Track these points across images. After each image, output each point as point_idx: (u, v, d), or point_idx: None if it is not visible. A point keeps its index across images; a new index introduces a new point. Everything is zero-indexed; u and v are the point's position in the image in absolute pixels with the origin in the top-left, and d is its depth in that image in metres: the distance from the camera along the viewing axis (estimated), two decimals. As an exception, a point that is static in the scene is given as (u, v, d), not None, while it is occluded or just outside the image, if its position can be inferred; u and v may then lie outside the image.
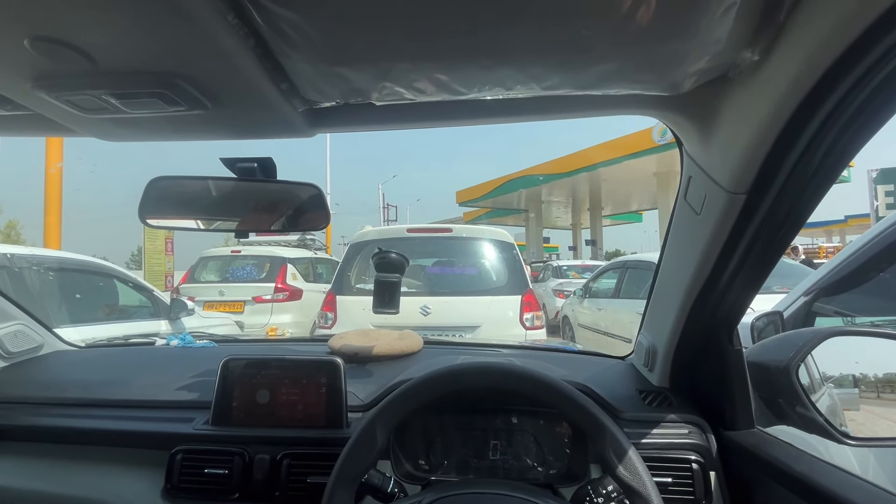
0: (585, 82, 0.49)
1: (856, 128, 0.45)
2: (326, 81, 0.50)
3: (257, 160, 0.70)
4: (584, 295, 6.17)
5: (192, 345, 1.23)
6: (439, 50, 0.44)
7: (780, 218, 0.56)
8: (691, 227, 0.67)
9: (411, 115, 0.60)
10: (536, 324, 3.28)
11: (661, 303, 0.86)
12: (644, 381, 0.95)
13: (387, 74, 0.48)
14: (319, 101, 0.56)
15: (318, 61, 0.46)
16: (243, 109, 0.55)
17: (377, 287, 0.96)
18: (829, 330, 0.78)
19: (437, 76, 0.48)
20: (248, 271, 6.24)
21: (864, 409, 0.81)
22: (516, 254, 3.54)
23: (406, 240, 3.59)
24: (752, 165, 0.51)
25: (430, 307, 3.23)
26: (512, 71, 0.47)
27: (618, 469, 0.58)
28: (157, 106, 0.51)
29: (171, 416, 0.87)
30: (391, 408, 0.65)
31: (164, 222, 0.72)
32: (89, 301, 3.22)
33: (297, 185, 0.73)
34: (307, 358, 0.86)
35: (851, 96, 0.42)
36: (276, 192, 0.73)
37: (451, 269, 3.57)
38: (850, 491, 0.57)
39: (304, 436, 0.81)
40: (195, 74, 0.47)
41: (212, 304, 6.00)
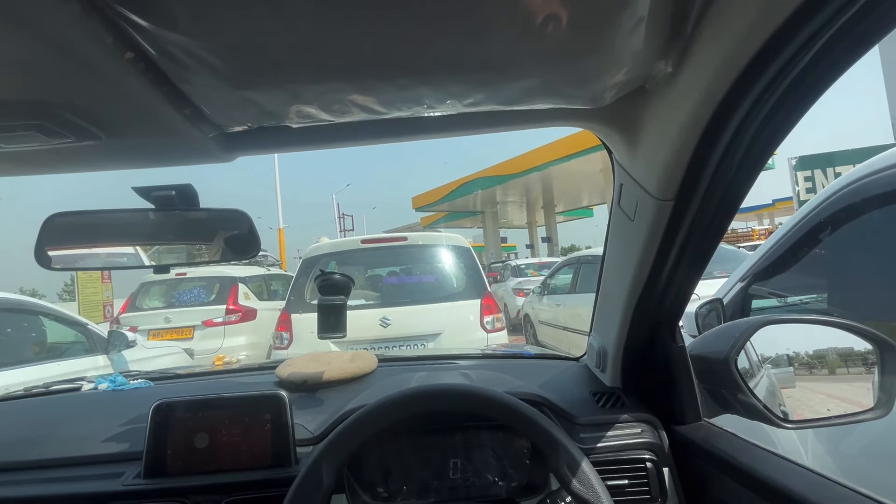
0: (507, 98, 0.48)
1: (769, 130, 0.47)
2: (234, 106, 0.46)
3: (175, 187, 0.65)
4: (543, 292, 6.31)
5: (123, 386, 1.12)
6: (352, 71, 0.42)
7: (708, 218, 0.58)
8: (627, 233, 0.68)
9: (332, 136, 0.57)
10: (497, 326, 3.30)
11: (607, 304, 0.88)
12: (597, 382, 0.96)
13: (298, 97, 0.45)
14: (231, 126, 0.52)
15: (222, 86, 0.42)
16: (144, 137, 0.50)
17: (321, 311, 0.92)
18: (762, 320, 0.81)
19: (354, 98, 0.45)
20: (196, 294, 5.91)
21: (800, 385, 0.86)
22: (472, 258, 3.56)
23: (361, 251, 3.52)
24: (676, 173, 0.52)
25: (389, 318, 3.18)
26: (431, 90, 0.45)
27: (572, 483, 0.58)
28: (37, 139, 0.45)
29: (97, 473, 0.78)
30: (336, 443, 0.61)
31: (71, 263, 0.65)
32: (7, 343, 2.92)
33: (223, 211, 0.68)
34: (248, 394, 0.80)
35: (762, 102, 0.43)
36: (199, 221, 0.67)
37: (408, 277, 3.53)
38: (787, 478, 0.59)
39: (249, 479, 0.75)
40: (78, 103, 0.42)
41: (157, 332, 5.63)
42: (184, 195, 0.65)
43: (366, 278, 3.75)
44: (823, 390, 0.86)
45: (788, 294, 1.61)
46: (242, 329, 5.68)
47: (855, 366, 0.86)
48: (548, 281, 6.33)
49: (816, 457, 1.09)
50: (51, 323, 3.28)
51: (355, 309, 3.28)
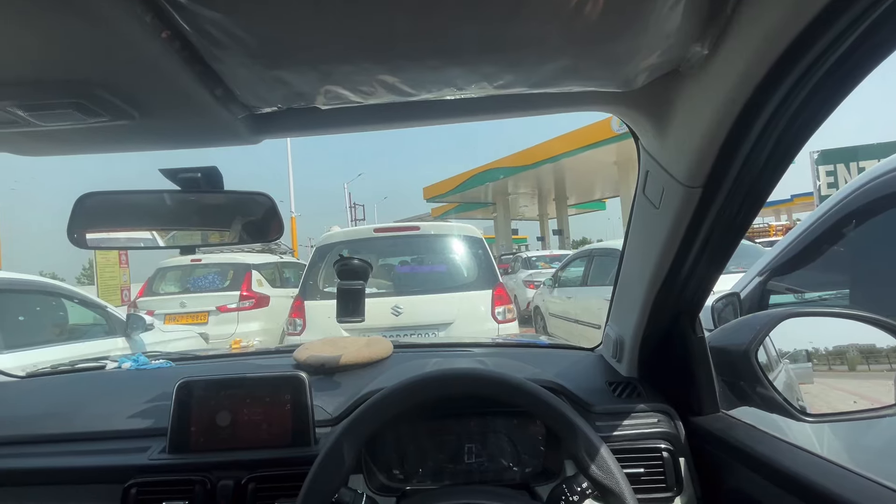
0: (538, 80, 0.48)
1: (805, 118, 0.46)
2: (265, 86, 0.46)
3: (201, 170, 0.66)
4: (554, 284, 6.29)
5: (146, 366, 1.15)
6: (384, 51, 0.42)
7: (735, 208, 0.57)
8: (651, 221, 0.68)
9: (359, 118, 0.57)
10: (508, 317, 3.31)
11: (626, 294, 0.87)
12: (613, 373, 0.96)
13: (329, 77, 0.45)
14: (260, 107, 0.52)
15: (253, 65, 0.43)
16: (175, 118, 0.51)
17: (340, 295, 0.93)
18: (784, 312, 0.80)
19: (384, 78, 0.45)
20: (211, 280, 6.01)
21: (818, 381, 0.85)
22: (485, 248, 3.55)
23: (373, 240, 3.54)
24: (706, 159, 0.52)
25: (401, 307, 3.20)
26: (462, 71, 0.45)
27: (591, 468, 0.58)
28: (75, 118, 0.46)
29: (124, 447, 0.81)
30: (358, 424, 0.62)
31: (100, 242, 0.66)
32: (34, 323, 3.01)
33: (247, 194, 0.68)
34: (269, 375, 0.81)
35: (799, 87, 0.42)
36: (224, 204, 0.68)
37: (420, 267, 3.54)
38: (807, 469, 0.59)
39: (269, 457, 0.77)
40: (115, 82, 0.42)
41: (173, 316, 5.74)
42: (209, 177, 0.66)
43: (378, 267, 3.77)
44: (842, 387, 0.85)
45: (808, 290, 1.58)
46: (256, 315, 5.77)
47: (877, 363, 0.85)
48: (559, 273, 6.30)
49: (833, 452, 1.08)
50: (72, 305, 3.37)
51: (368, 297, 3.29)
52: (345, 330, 3.22)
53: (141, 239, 0.66)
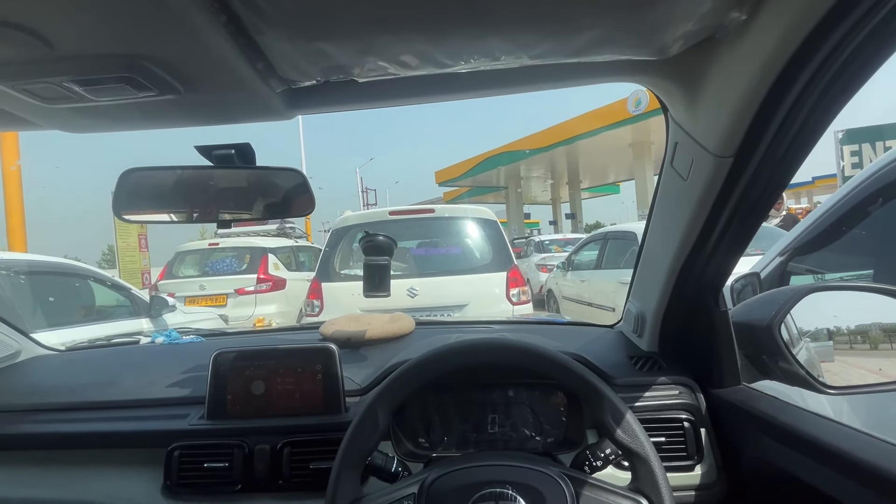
0: (573, 49, 0.48)
1: (840, 85, 0.46)
2: (305, 58, 0.48)
3: (234, 146, 0.68)
4: (567, 268, 6.27)
5: (178, 341, 1.20)
6: (426, 20, 0.42)
7: (765, 179, 0.57)
8: (678, 194, 0.68)
9: (395, 91, 0.58)
10: (523, 299, 3.32)
11: (649, 270, 0.88)
12: (634, 348, 0.97)
13: (370, 48, 0.46)
14: (298, 81, 0.53)
15: (296, 37, 0.44)
16: (218, 92, 0.52)
17: (367, 271, 0.95)
18: (808, 287, 0.81)
19: (423, 48, 0.46)
20: (229, 264, 6.13)
21: (839, 359, 0.85)
22: (499, 231, 3.56)
23: (389, 223, 3.56)
24: (739, 128, 0.52)
25: (416, 289, 3.24)
26: (500, 40, 0.46)
27: (616, 433, 0.60)
28: (126, 92, 0.48)
29: (165, 414, 0.86)
30: (391, 389, 0.65)
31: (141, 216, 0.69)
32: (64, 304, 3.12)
33: (279, 170, 0.70)
34: (301, 346, 0.85)
35: (837, 52, 0.42)
36: (256, 179, 0.71)
37: (435, 249, 3.57)
38: (832, 436, 0.60)
39: (303, 423, 0.81)
40: (164, 56, 0.44)
41: (193, 299, 5.89)
42: (242, 153, 0.68)
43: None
44: (864, 364, 0.85)
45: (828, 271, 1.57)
46: (273, 298, 5.88)
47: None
48: (573, 257, 6.27)
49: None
50: (98, 287, 3.48)
51: (383, 279, 3.34)
52: (361, 310, 3.28)
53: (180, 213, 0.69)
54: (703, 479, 0.78)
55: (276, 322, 5.63)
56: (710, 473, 0.79)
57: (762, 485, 0.71)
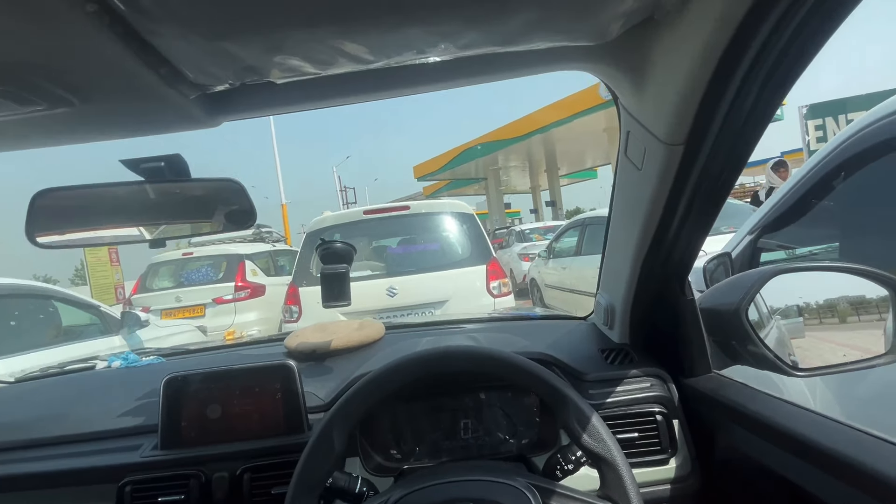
0: (504, 37, 0.44)
1: (787, 63, 0.44)
2: (211, 61, 0.43)
3: (164, 158, 0.62)
4: (549, 256, 6.30)
5: (136, 363, 1.14)
6: (336, 12, 0.38)
7: (719, 164, 0.55)
8: (634, 184, 0.66)
9: (322, 92, 0.54)
10: (504, 291, 3.32)
11: (614, 261, 0.86)
12: (605, 340, 0.96)
13: (280, 48, 0.42)
14: (211, 85, 0.48)
15: (194, 37, 0.39)
16: (120, 102, 0.47)
17: (324, 280, 0.91)
18: (773, 269, 0.80)
19: (339, 44, 0.42)
20: (204, 273, 5.98)
21: (809, 335, 0.85)
22: (477, 224, 3.53)
23: (364, 222, 3.50)
24: (686, 113, 0.49)
25: (396, 287, 3.20)
26: (421, 31, 0.42)
27: (582, 437, 0.58)
28: (7, 107, 0.43)
29: (116, 447, 0.80)
30: (346, 409, 0.62)
31: (61, 239, 0.63)
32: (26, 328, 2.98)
33: (215, 181, 0.65)
34: (257, 365, 0.80)
35: (780, 29, 0.39)
36: (191, 192, 0.66)
37: (413, 246, 3.52)
38: (799, 423, 0.59)
39: (263, 446, 0.77)
40: (45, 64, 0.39)
41: (169, 311, 5.74)
42: (173, 166, 0.63)
43: (371, 249, 3.75)
44: (834, 339, 0.86)
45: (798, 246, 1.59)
46: (252, 305, 5.77)
47: (867, 313, 0.85)
48: (553, 244, 6.30)
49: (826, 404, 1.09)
50: (64, 307, 3.34)
51: (362, 280, 3.29)
52: (341, 314, 3.23)
53: (105, 235, 0.64)
54: (678, 471, 0.77)
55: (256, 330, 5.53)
56: (684, 466, 0.78)
57: (735, 475, 0.70)
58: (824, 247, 1.49)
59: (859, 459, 0.49)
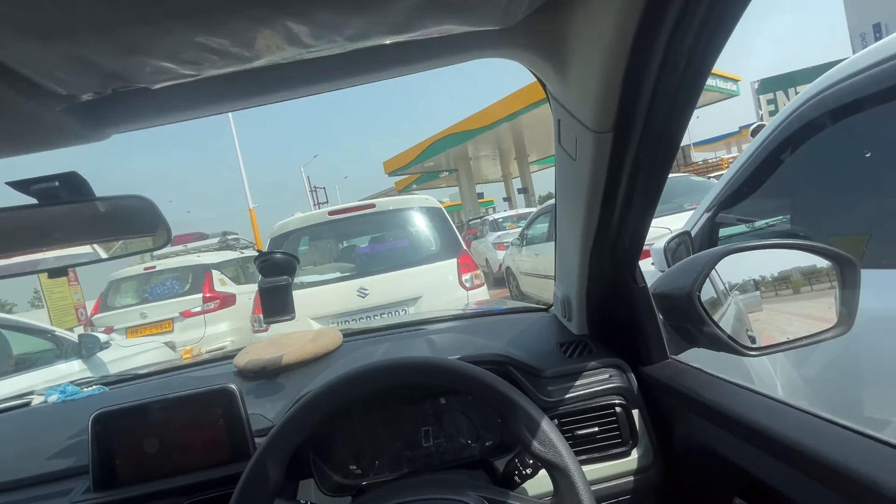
0: (395, 25, 0.40)
1: (706, 37, 0.41)
2: (65, 68, 0.37)
3: (57, 177, 0.56)
4: (522, 243, 6.33)
5: (75, 396, 1.06)
6: (193, 5, 0.33)
7: (653, 148, 0.53)
8: (572, 173, 0.63)
9: (208, 96, 0.48)
10: (476, 283, 3.30)
11: (565, 252, 0.84)
12: (565, 332, 0.94)
13: (136, 48, 0.36)
14: (77, 94, 0.43)
15: (28, 41, 0.33)
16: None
17: (263, 295, 0.85)
18: (721, 251, 0.79)
19: (205, 41, 0.37)
20: (169, 286, 5.75)
21: (766, 308, 0.85)
22: (445, 217, 3.49)
23: (330, 223, 3.41)
24: (609, 99, 0.46)
25: (367, 288, 3.14)
26: (296, 21, 0.37)
27: (532, 444, 0.55)
28: None
29: (44, 494, 0.73)
30: (278, 439, 0.57)
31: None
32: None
33: (121, 199, 0.59)
34: (195, 392, 0.75)
35: (692, 4, 0.37)
36: (94, 213, 0.59)
37: (381, 245, 3.46)
38: (751, 410, 0.58)
39: (207, 478, 0.71)
40: None
41: (135, 329, 5.51)
42: (70, 185, 0.56)
43: (339, 250, 3.67)
44: (789, 310, 0.86)
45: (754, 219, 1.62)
46: (223, 315, 5.59)
47: (819, 282, 0.86)
48: (525, 232, 6.33)
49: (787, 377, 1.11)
50: (13, 334, 3.14)
51: (331, 282, 3.22)
52: (313, 320, 3.14)
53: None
54: (640, 462, 0.76)
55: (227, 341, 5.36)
56: (646, 456, 0.77)
57: (694, 464, 0.69)
58: (777, 219, 1.52)
59: (807, 444, 0.48)
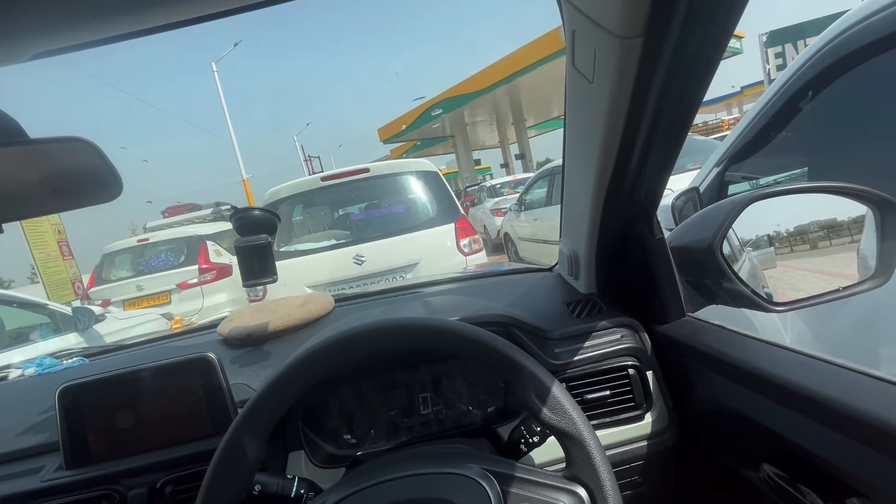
0: None
1: None
2: None
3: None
4: (520, 209, 6.23)
5: (52, 369, 1.00)
6: None
7: (687, 61, 0.44)
8: (587, 101, 0.54)
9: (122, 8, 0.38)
10: (475, 248, 3.23)
11: (574, 204, 0.76)
12: (571, 291, 0.87)
13: None
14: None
15: None
16: None
17: (240, 254, 0.78)
18: (747, 197, 0.71)
19: None
20: (165, 258, 5.69)
21: (781, 264, 0.79)
22: (442, 181, 3.38)
23: (323, 189, 3.30)
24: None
25: (363, 255, 3.07)
26: None
27: (542, 412, 0.49)
28: None
29: (13, 472, 0.68)
30: (254, 411, 0.51)
31: None
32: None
33: (59, 142, 0.50)
34: (169, 362, 0.68)
35: None
36: (29, 160, 0.51)
37: (377, 211, 3.36)
38: (784, 368, 0.52)
39: (185, 453, 0.66)
40: None
41: (132, 301, 5.48)
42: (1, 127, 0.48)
43: (335, 218, 3.57)
44: (806, 266, 0.81)
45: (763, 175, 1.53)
46: (220, 286, 5.56)
47: (838, 236, 0.80)
48: (523, 197, 6.22)
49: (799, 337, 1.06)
50: (7, 309, 3.10)
51: (327, 250, 3.14)
52: (308, 287, 3.09)
53: None
54: (654, 426, 0.71)
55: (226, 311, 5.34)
56: (661, 419, 0.71)
57: (715, 426, 0.64)
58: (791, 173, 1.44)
59: (853, 404, 0.42)
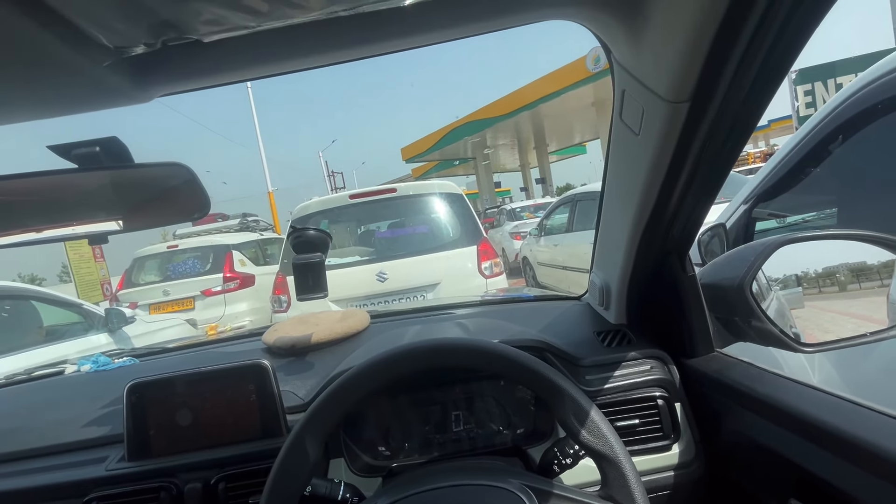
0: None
1: (802, 11, 0.37)
2: (117, 15, 0.35)
3: (98, 142, 0.54)
4: (540, 233, 6.26)
5: (106, 367, 1.07)
6: None
7: (728, 124, 0.49)
8: (631, 150, 0.59)
9: (262, 53, 0.46)
10: (496, 271, 3.27)
11: (610, 237, 0.80)
12: (601, 321, 0.91)
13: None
14: (127, 47, 0.41)
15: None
16: (26, 78, 0.39)
17: (297, 271, 0.84)
18: (778, 240, 0.74)
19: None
20: (191, 265, 5.87)
21: (809, 305, 0.81)
22: (466, 204, 3.46)
23: (351, 207, 3.41)
24: (692, 66, 0.43)
25: (386, 272, 3.14)
26: None
27: (581, 434, 0.53)
28: None
29: (81, 460, 0.74)
30: (318, 415, 0.56)
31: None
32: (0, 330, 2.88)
33: (161, 166, 0.58)
34: (228, 366, 0.74)
35: None
36: (133, 181, 0.58)
37: (401, 230, 3.45)
38: (813, 406, 0.54)
39: (238, 453, 0.71)
40: None
41: (158, 305, 5.65)
42: (111, 150, 0.55)
43: (359, 234, 3.67)
44: (833, 308, 0.82)
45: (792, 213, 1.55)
46: (243, 295, 5.69)
47: (868, 280, 0.82)
48: (544, 222, 6.25)
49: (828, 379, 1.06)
50: (45, 306, 3.24)
51: (351, 266, 3.22)
52: (332, 302, 3.16)
53: (34, 231, 0.56)
54: (681, 457, 0.73)
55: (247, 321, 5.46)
56: (688, 451, 0.74)
57: (742, 460, 0.66)
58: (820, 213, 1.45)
59: (881, 444, 0.45)
